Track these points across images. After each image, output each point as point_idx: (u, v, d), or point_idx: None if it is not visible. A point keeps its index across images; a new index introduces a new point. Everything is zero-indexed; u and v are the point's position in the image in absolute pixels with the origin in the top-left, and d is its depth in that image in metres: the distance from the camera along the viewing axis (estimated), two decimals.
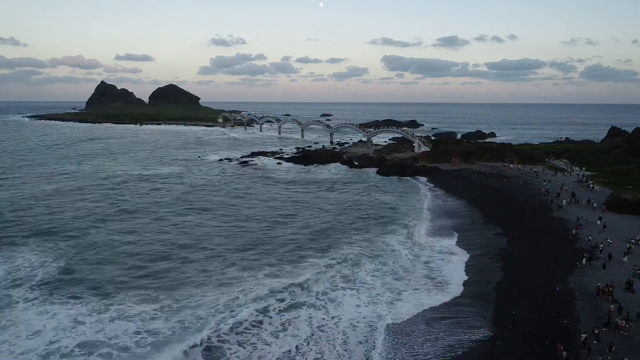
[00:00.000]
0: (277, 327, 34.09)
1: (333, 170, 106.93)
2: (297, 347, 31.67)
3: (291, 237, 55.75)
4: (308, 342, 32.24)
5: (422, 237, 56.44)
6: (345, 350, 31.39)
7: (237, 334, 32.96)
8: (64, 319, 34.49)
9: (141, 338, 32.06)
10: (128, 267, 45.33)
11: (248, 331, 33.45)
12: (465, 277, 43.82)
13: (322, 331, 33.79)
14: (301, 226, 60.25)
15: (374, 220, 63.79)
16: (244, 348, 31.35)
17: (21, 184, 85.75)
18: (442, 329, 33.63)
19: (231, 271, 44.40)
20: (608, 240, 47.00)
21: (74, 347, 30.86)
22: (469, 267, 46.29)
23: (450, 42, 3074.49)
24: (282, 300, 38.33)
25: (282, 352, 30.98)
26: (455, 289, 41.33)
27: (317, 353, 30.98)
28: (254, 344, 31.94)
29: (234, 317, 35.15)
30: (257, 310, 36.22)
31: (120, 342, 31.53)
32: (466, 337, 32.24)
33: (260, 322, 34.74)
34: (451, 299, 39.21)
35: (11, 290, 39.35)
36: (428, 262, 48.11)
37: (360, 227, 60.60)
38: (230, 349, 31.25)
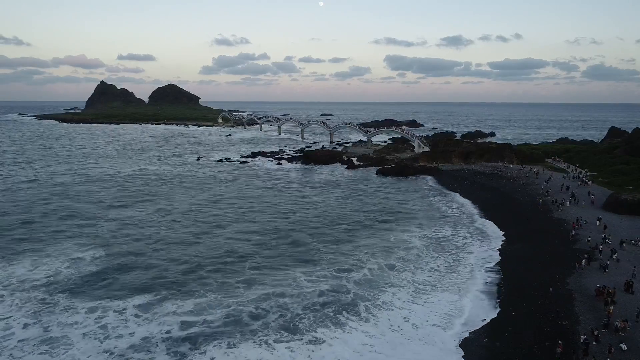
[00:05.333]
0: None
1: (333, 171, 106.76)
2: None
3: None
4: None
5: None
6: None
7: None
8: (127, 316, 35.12)
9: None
10: (170, 265, 45.66)
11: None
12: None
13: None
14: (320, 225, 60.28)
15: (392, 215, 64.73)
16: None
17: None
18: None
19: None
20: (608, 241, 47.03)
21: (135, 343, 31.44)
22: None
23: (454, 41, 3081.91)
24: None
25: None
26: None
27: None
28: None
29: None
30: None
31: (173, 336, 32.24)
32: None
33: None
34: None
35: (63, 287, 39.88)
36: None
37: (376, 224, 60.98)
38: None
